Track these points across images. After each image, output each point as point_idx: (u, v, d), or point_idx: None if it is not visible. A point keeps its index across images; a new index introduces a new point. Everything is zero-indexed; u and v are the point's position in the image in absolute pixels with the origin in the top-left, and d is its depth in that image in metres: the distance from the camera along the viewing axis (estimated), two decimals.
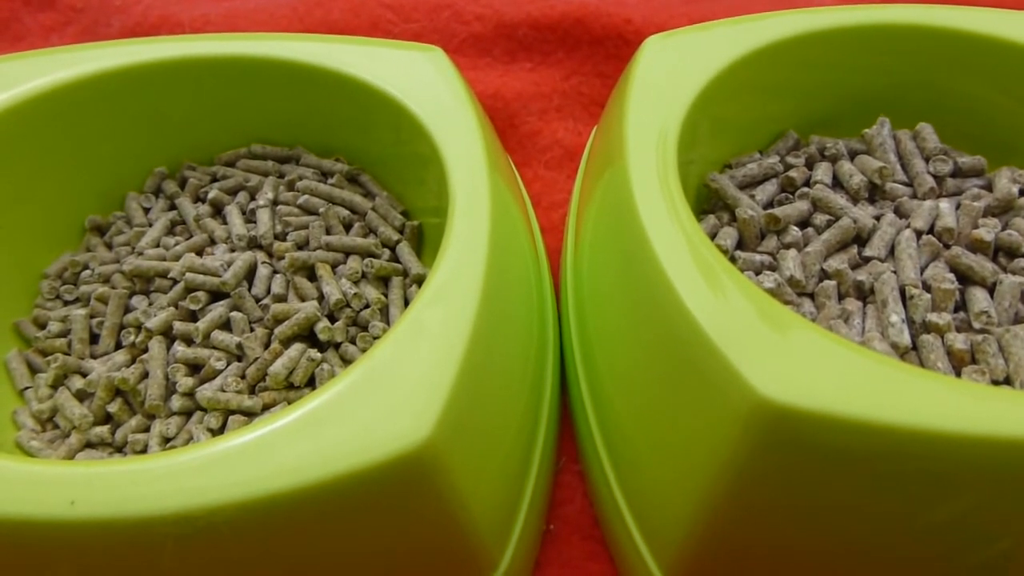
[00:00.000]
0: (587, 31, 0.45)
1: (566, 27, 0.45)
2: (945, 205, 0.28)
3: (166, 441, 0.26)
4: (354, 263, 0.29)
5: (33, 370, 0.29)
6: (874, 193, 0.30)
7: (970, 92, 0.32)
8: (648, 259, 0.23)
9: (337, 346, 0.28)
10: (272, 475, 0.19)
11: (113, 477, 0.19)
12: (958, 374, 0.24)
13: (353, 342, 0.28)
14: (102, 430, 0.26)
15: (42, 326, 0.30)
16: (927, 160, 0.30)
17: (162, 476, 0.19)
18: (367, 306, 0.28)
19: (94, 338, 0.29)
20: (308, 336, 0.28)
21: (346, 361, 0.27)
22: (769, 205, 0.30)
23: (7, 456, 0.20)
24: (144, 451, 0.26)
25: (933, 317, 0.25)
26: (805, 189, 0.30)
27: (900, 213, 0.29)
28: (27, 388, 0.28)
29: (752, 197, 0.30)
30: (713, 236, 0.29)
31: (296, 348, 0.27)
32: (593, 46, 0.45)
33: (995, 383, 0.23)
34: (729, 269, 0.22)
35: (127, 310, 0.29)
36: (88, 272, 0.31)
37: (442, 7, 0.47)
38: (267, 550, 0.20)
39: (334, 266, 0.30)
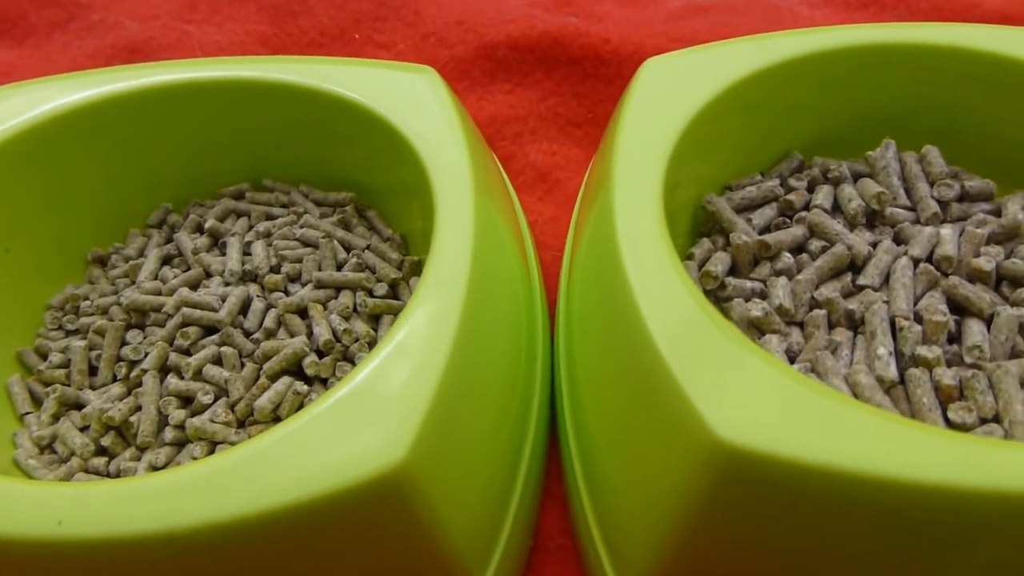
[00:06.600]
0: (565, 51, 0.48)
1: (544, 47, 0.49)
2: (947, 232, 0.29)
3: (154, 471, 0.28)
4: (345, 299, 0.32)
5: (34, 397, 0.31)
6: (875, 219, 0.31)
7: (985, 113, 0.33)
8: (621, 289, 0.25)
9: (324, 381, 0.30)
10: (252, 496, 0.21)
11: (98, 497, 0.21)
12: (945, 410, 0.25)
13: (340, 376, 0.30)
14: (98, 462, 0.29)
15: (44, 356, 0.33)
16: (932, 184, 0.32)
17: (146, 497, 0.21)
18: (357, 340, 0.31)
19: (93, 369, 0.32)
20: (297, 371, 0.30)
21: None
22: (767, 229, 0.32)
23: None
24: None
25: (922, 350, 0.26)
26: (803, 213, 0.31)
27: (900, 240, 0.30)
28: (28, 413, 0.31)
29: (749, 221, 0.32)
30: (706, 260, 0.31)
31: (283, 382, 0.29)
32: (571, 66, 0.48)
33: (983, 421, 0.25)
34: (701, 301, 0.24)
35: (124, 343, 0.32)
36: (88, 303, 0.33)
37: (428, 34, 0.51)
38: (246, 570, 0.23)
39: (327, 302, 0.32)
